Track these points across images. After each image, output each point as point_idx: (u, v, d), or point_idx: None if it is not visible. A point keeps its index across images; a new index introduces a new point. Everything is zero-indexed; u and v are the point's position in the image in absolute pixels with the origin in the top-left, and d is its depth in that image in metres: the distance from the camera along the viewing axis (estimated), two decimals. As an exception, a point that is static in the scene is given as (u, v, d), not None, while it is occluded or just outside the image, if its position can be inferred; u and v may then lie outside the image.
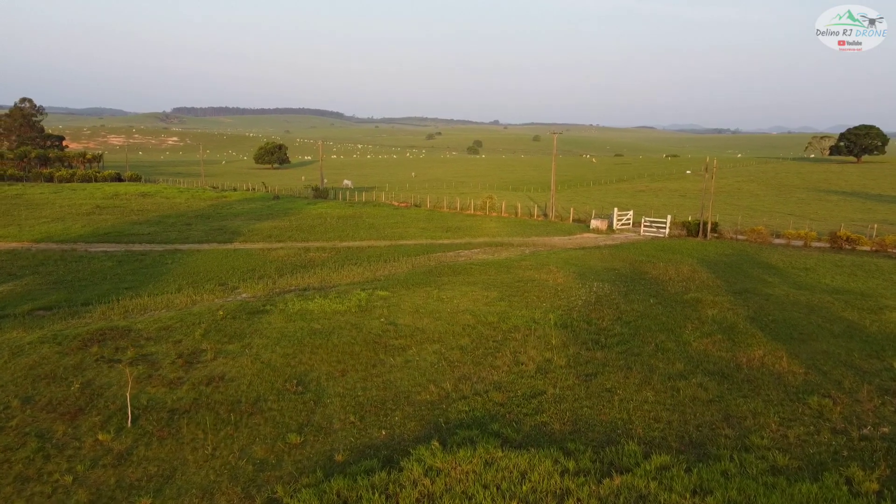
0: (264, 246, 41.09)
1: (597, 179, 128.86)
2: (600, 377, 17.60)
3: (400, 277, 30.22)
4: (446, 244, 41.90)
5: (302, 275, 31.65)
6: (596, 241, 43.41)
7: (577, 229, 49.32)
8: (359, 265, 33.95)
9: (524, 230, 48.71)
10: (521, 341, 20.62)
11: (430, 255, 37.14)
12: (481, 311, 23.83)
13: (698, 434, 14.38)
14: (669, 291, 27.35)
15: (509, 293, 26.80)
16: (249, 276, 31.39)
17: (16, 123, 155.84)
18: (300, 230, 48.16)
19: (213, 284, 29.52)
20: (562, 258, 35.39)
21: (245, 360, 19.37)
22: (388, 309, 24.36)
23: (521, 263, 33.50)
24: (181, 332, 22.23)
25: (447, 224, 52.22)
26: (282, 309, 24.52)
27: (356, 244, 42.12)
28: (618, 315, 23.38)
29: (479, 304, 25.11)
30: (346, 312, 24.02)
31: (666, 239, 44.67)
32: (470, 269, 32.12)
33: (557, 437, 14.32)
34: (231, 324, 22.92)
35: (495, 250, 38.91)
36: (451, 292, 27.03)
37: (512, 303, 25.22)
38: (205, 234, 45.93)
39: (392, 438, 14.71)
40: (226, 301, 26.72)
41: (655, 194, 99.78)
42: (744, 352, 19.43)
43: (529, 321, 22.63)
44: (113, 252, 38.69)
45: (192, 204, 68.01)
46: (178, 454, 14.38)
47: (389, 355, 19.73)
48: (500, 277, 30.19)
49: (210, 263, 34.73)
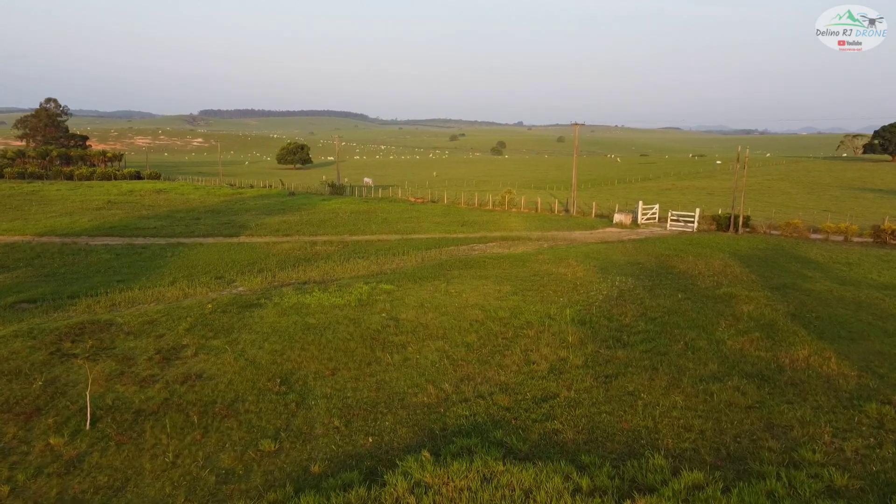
0: (270, 240, 39.49)
1: (621, 178, 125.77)
2: (621, 379, 15.49)
3: (407, 271, 28.33)
4: (460, 238, 39.90)
5: (304, 268, 29.90)
6: (619, 236, 41.07)
7: (599, 224, 46.98)
8: (365, 259, 32.13)
9: (544, 225, 46.52)
10: (533, 338, 18.58)
11: (442, 249, 35.18)
12: (491, 306, 21.82)
13: (737, 446, 12.23)
14: (699, 286, 25.06)
15: (523, 287, 24.75)
16: (249, 270, 29.71)
17: (41, 123, 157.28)
18: (310, 224, 46.52)
19: (210, 278, 27.89)
20: (582, 252, 33.22)
21: (228, 357, 17.60)
22: (391, 303, 22.46)
23: (538, 257, 31.41)
24: (165, 326, 20.57)
25: (463, 219, 50.23)
26: (276, 303, 22.77)
27: (366, 238, 40.31)
28: (642, 311, 21.21)
29: (489, 298, 23.10)
30: (344, 307, 22.18)
31: (694, 233, 42.15)
32: (483, 262, 30.12)
33: (570, 447, 12.27)
34: (220, 318, 21.21)
35: (512, 244, 36.85)
36: (460, 286, 25.06)
37: (526, 297, 23.17)
38: (211, 228, 44.51)
39: (379, 447, 12.78)
40: (220, 294, 25.03)
41: (682, 192, 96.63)
42: (786, 351, 17.17)
43: (544, 317, 20.57)
44: (113, 245, 37.35)
45: (206, 200, 66.86)
46: (135, 462, 12.61)
47: (387, 353, 17.83)
48: (515, 271, 28.14)
49: (210, 257, 33.16)
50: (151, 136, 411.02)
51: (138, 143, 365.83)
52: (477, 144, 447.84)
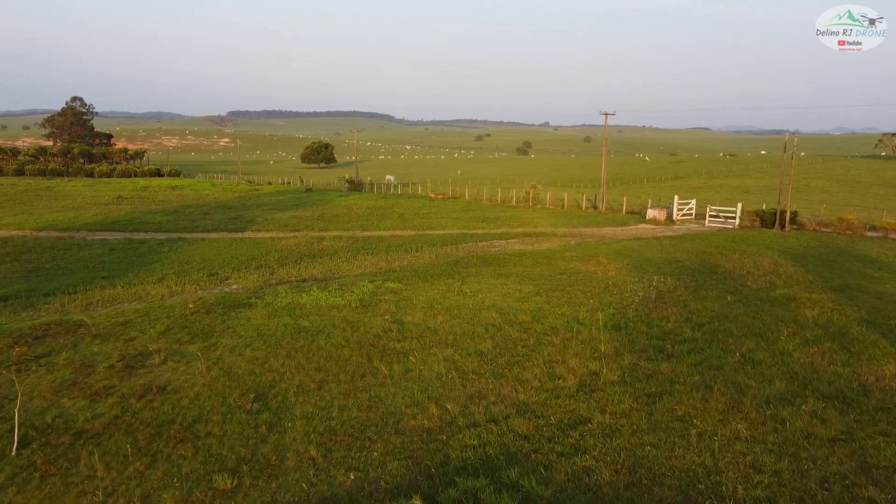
0: (276, 235, 37.05)
1: (650, 177, 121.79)
2: (668, 399, 12.59)
3: (418, 268, 25.60)
4: (480, 234, 37.08)
5: (307, 265, 27.35)
6: (653, 232, 37.91)
7: (631, 220, 43.79)
8: (374, 255, 29.49)
9: (571, 221, 43.46)
10: (559, 347, 15.73)
11: (459, 246, 32.39)
12: (511, 309, 19.01)
13: (826, 496, 9.30)
14: (750, 287, 21.94)
15: (548, 287, 21.88)
16: (246, 266, 27.24)
17: (67, 122, 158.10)
18: (321, 220, 44.03)
19: (202, 274, 25.46)
20: (613, 249, 30.19)
21: (200, 366, 15.04)
22: (397, 304, 19.77)
23: (565, 254, 28.47)
24: (139, 328, 18.14)
25: (484, 215, 47.35)
26: (268, 302, 20.24)
27: (378, 234, 37.68)
28: (686, 315, 18.23)
29: (509, 299, 20.28)
30: (343, 308, 19.55)
31: (736, 230, 38.79)
32: (503, 259, 27.29)
33: (607, 493, 9.45)
34: (201, 319, 18.72)
35: (535, 241, 33.93)
36: (476, 285, 22.27)
37: (550, 299, 20.30)
38: (218, 223, 42.26)
39: (361, 487, 10.06)
40: (208, 293, 22.58)
41: (715, 191, 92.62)
42: (868, 367, 14.10)
43: (571, 321, 17.71)
44: (110, 240, 35.23)
45: (220, 196, 64.89)
46: (56, 500, 10.04)
47: (385, 362, 15.13)
48: (538, 269, 25.27)
49: (209, 252, 30.79)
50: (179, 136, 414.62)
51: (166, 143, 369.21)
52: (502, 145, 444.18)
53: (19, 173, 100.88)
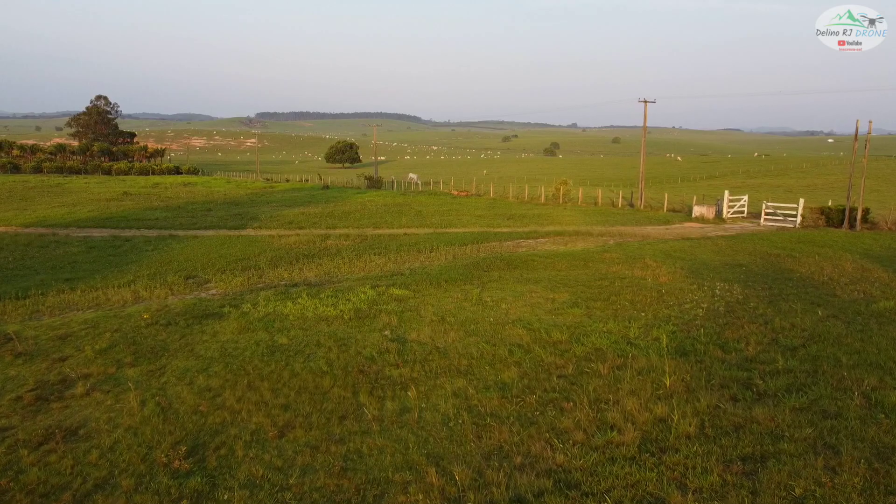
0: (278, 232, 33.46)
1: (685, 176, 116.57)
2: (774, 468, 8.57)
3: (431, 271, 21.73)
4: (504, 233, 33.05)
5: (303, 266, 23.68)
6: (703, 232, 33.54)
7: (675, 219, 39.41)
8: (382, 255, 25.69)
9: (607, 219, 39.21)
10: (608, 380, 11.76)
11: (481, 245, 28.43)
12: (542, 323, 15.08)
13: None
14: (841, 298, 17.66)
15: (587, 296, 17.88)
16: (234, 267, 23.64)
17: (91, 121, 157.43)
18: (331, 217, 40.39)
19: (180, 276, 21.90)
20: (661, 250, 26.01)
21: (132, 400, 11.41)
22: (400, 316, 15.96)
23: (604, 256, 24.37)
24: (77, 344, 14.60)
25: (510, 212, 43.29)
26: (244, 312, 16.57)
27: (390, 232, 33.86)
28: (771, 335, 14.10)
29: (539, 311, 16.34)
30: (334, 320, 15.80)
31: (797, 230, 34.23)
32: (531, 261, 23.30)
33: None
34: (156, 334, 15.10)
35: (569, 240, 29.84)
36: (499, 292, 18.37)
37: (591, 311, 16.31)
38: (219, 219, 38.91)
39: None
40: (180, 298, 18.99)
41: (754, 190, 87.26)
42: None
43: (621, 341, 13.72)
44: (94, 237, 32.02)
45: (231, 193, 61.82)
46: None
47: (375, 398, 11.36)
48: (574, 273, 21.25)
49: (196, 252, 27.31)
50: (206, 136, 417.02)
51: (193, 143, 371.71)
52: (529, 145, 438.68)
53: (37, 171, 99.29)
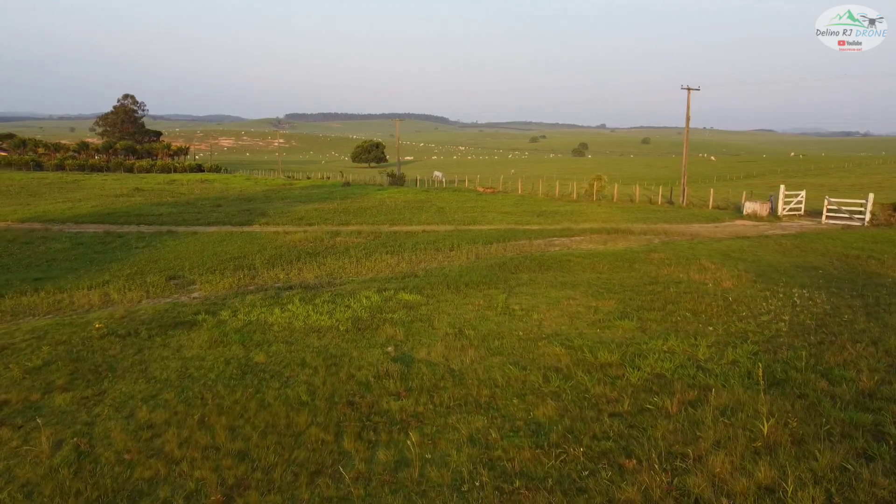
0: (285, 229, 30.52)
1: (720, 176, 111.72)
2: None
3: (449, 272, 18.54)
4: (534, 230, 29.67)
5: (302, 265, 20.66)
6: (758, 230, 29.80)
7: (723, 216, 35.64)
8: (395, 254, 22.57)
9: (647, 216, 35.62)
10: (680, 423, 8.43)
11: (508, 244, 25.14)
12: (585, 339, 11.80)
13: None
14: (962, 310, 14.07)
15: (638, 304, 14.54)
16: (224, 267, 20.71)
17: (118, 119, 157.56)
18: (346, 213, 37.41)
19: (162, 277, 19.03)
20: (716, 250, 22.50)
21: (44, 441, 8.48)
22: (408, 327, 12.82)
23: (652, 256, 20.95)
24: (10, 359, 11.74)
25: (540, 209, 39.90)
26: (221, 320, 13.60)
27: (407, 229, 30.69)
28: (888, 360, 10.64)
29: (580, 322, 13.07)
30: (327, 331, 12.73)
31: (867, 228, 30.35)
32: (567, 261, 19.99)
33: None
34: (108, 348, 12.18)
35: (608, 238, 26.41)
36: (529, 299, 15.13)
37: (645, 323, 12.98)
38: (226, 215, 36.20)
39: None
40: (153, 302, 16.13)
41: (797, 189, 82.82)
42: None
43: (689, 365, 10.37)
44: (85, 233, 29.49)
45: (248, 189, 59.35)
46: None
47: (364, 443, 8.26)
48: (619, 276, 17.90)
49: (189, 249, 24.51)
50: (234, 136, 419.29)
51: (222, 144, 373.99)
52: (558, 146, 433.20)
53: (59, 168, 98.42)
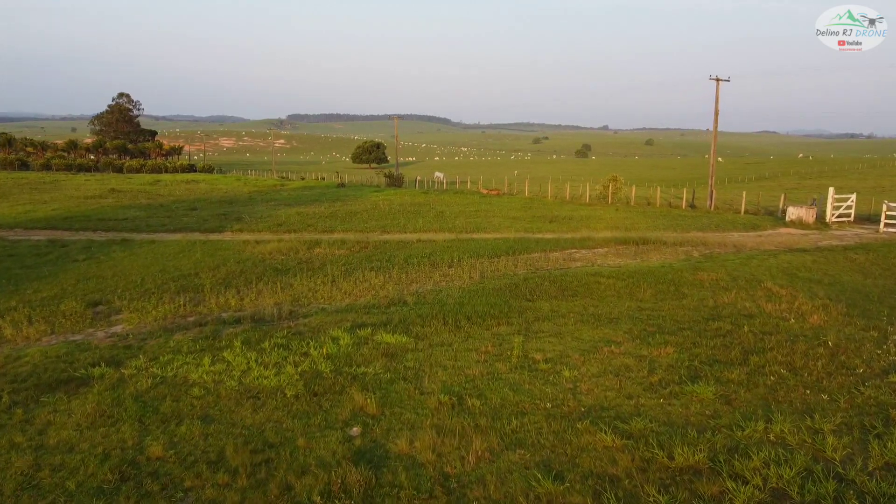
0: (258, 237, 26.35)
1: (731, 178, 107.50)
2: None
3: (447, 299, 14.43)
4: (549, 239, 25.37)
5: (264, 286, 16.53)
6: (810, 240, 25.55)
7: (762, 222, 31.37)
8: (382, 271, 18.38)
9: (674, 223, 31.37)
10: None
11: (519, 257, 20.95)
12: (646, 418, 7.70)
13: None
14: None
15: (708, 355, 10.43)
16: (168, 288, 16.61)
17: (113, 119, 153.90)
18: (332, 218, 33.23)
19: (82, 304, 14.89)
20: (776, 267, 18.34)
21: None
22: (384, 392, 8.78)
23: (700, 276, 16.81)
24: None
25: (551, 213, 35.71)
26: (122, 378, 9.59)
27: (402, 237, 26.45)
28: None
29: (631, 385, 8.99)
30: (269, 397, 8.71)
31: (939, 238, 26.24)
32: (596, 284, 15.88)
33: None
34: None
35: (637, 251, 22.21)
36: (555, 343, 11.05)
37: (727, 388, 8.90)
38: (197, 220, 32.09)
39: None
40: (58, 341, 12.15)
41: (816, 192, 78.64)
42: None
43: (821, 474, 6.22)
44: (28, 241, 25.46)
45: (234, 190, 55.32)
46: None
47: None
48: (668, 307, 13.77)
49: (135, 263, 20.40)
50: (235, 137, 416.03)
51: (222, 144, 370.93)
52: (560, 147, 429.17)
53: (46, 168, 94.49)
